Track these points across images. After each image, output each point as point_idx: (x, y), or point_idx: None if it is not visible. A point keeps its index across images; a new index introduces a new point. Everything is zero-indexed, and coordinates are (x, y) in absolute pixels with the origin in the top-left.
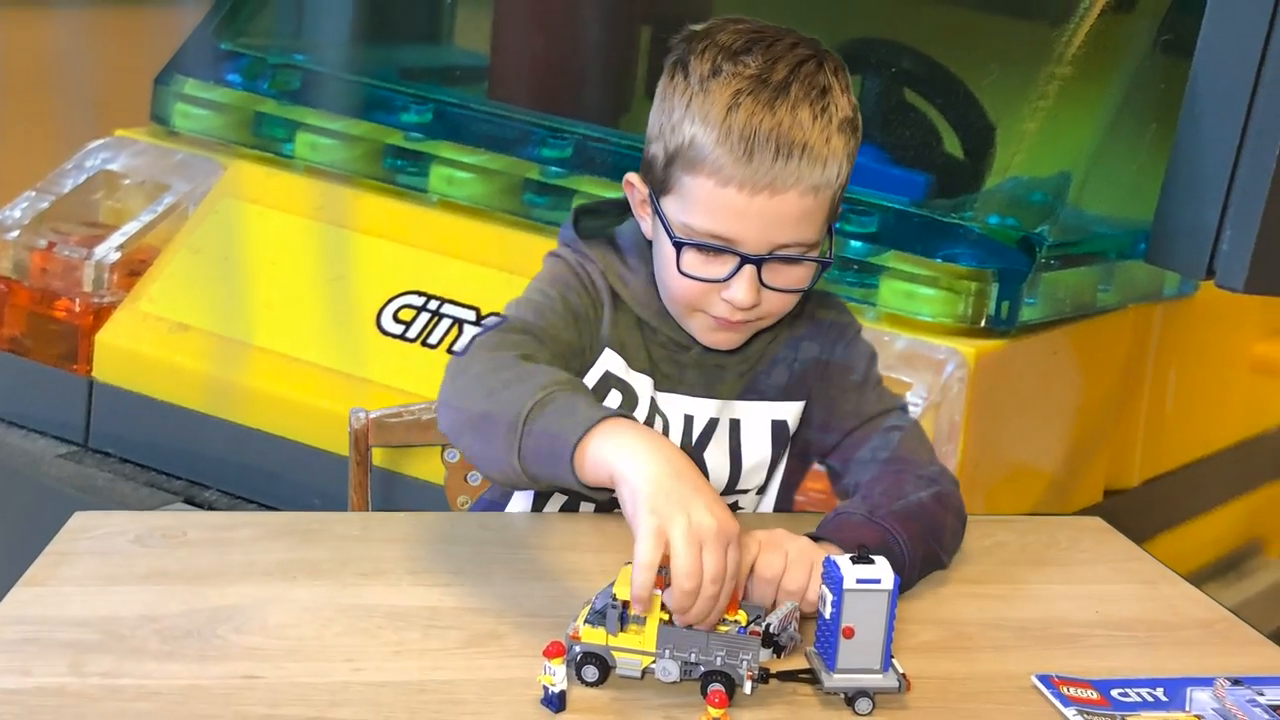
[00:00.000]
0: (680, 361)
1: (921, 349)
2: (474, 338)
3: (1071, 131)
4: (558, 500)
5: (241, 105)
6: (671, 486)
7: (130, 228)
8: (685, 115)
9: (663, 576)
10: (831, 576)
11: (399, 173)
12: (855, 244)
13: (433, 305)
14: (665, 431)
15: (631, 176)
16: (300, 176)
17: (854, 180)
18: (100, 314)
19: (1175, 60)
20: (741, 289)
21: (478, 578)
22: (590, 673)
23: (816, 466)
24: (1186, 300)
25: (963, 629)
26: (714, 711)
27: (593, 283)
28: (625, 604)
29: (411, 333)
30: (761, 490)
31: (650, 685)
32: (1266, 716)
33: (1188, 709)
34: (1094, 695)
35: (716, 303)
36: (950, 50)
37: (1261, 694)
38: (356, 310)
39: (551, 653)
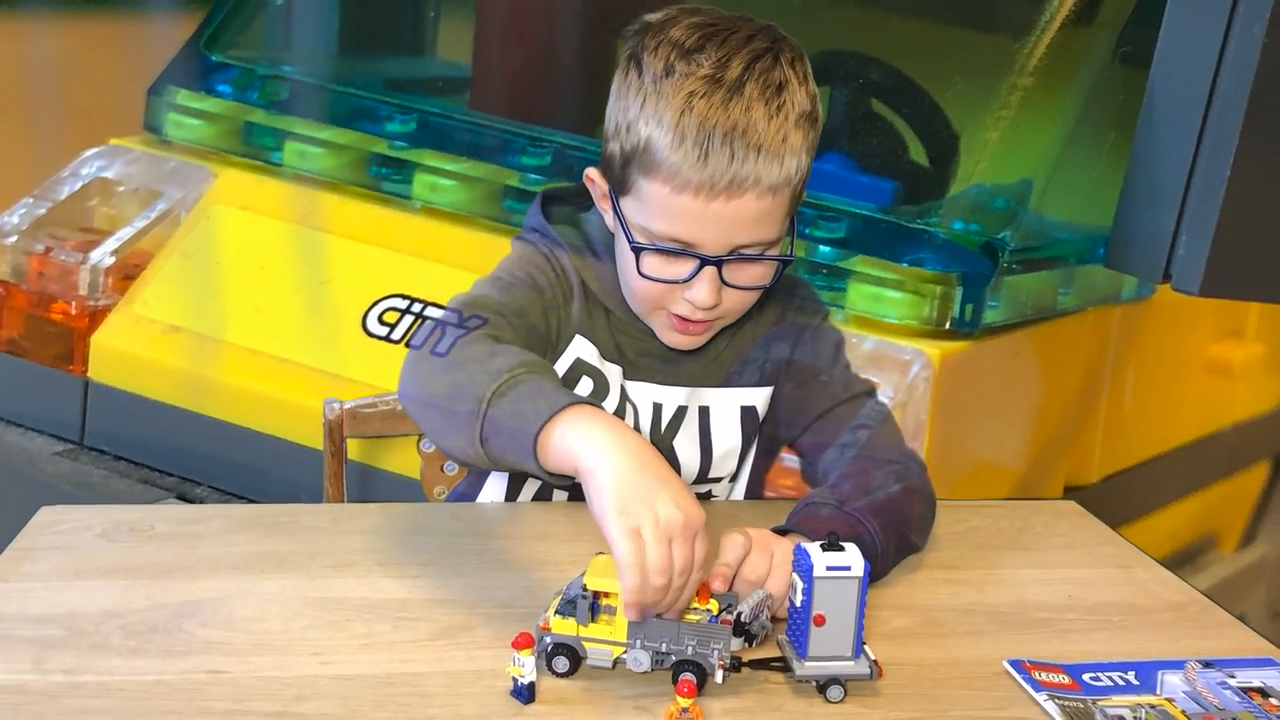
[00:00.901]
0: (647, 350)
1: (888, 350)
2: (440, 316)
3: (1033, 140)
4: (531, 487)
5: (231, 115)
6: (638, 482)
7: (124, 233)
8: (640, 115)
9: None
10: (801, 564)
11: (384, 180)
12: (824, 249)
13: (416, 308)
14: (635, 420)
15: (591, 172)
16: (288, 184)
17: (823, 187)
18: (95, 316)
19: (1133, 71)
20: (703, 290)
21: (448, 569)
22: (561, 664)
23: (785, 460)
24: (1144, 303)
25: (935, 615)
26: (683, 701)
27: (562, 268)
28: (596, 594)
29: (396, 334)
30: (734, 478)
31: (620, 675)
32: (1237, 699)
33: (1159, 692)
34: (1065, 680)
35: (678, 302)
36: (916, 62)
37: (1233, 676)
38: (342, 313)
39: (520, 644)
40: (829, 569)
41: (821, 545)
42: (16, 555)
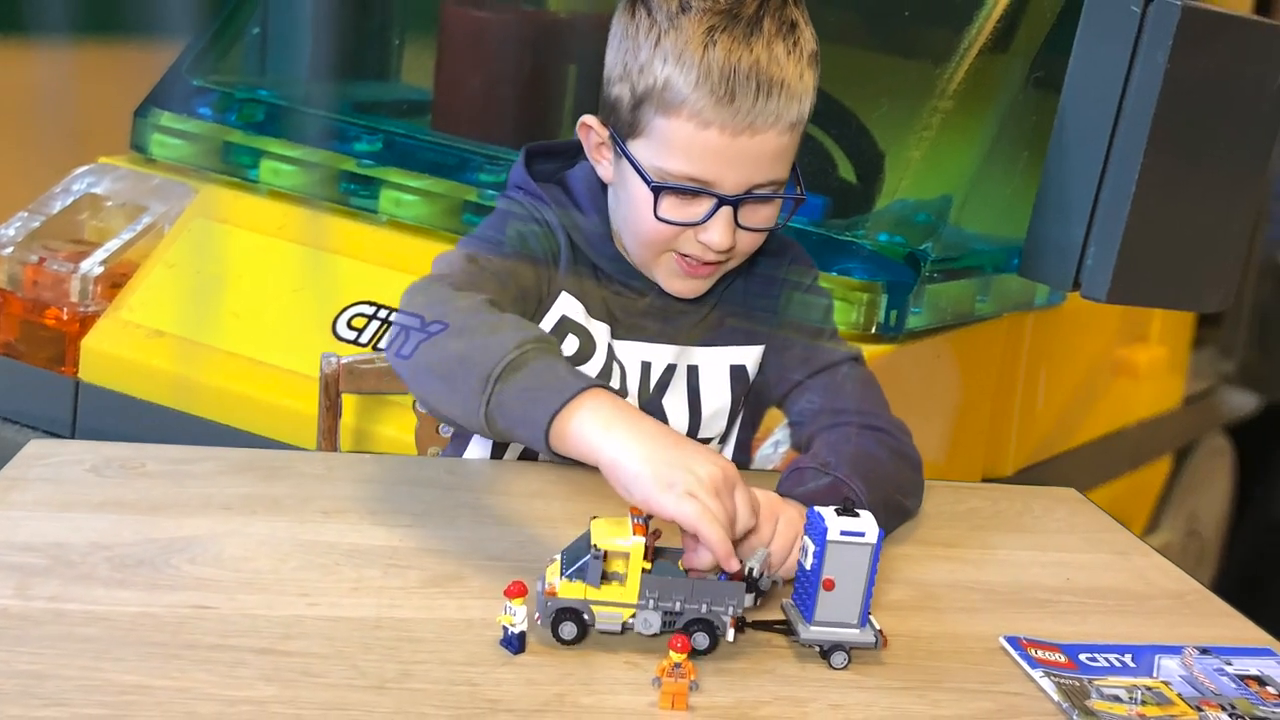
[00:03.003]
0: (636, 308)
1: None
2: (433, 273)
3: (953, 159)
4: (516, 449)
5: (211, 135)
6: (667, 456)
7: (112, 245)
8: (655, 54)
9: (642, 525)
10: (815, 528)
11: (352, 195)
12: None
13: (382, 314)
14: (623, 379)
15: (589, 119)
16: (264, 199)
17: None
18: (85, 322)
19: (1045, 95)
20: (719, 230)
21: (441, 520)
22: (568, 630)
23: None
24: (1055, 309)
25: (932, 590)
26: (676, 656)
27: (548, 224)
28: (606, 554)
29: (363, 338)
30: (723, 439)
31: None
32: (1234, 685)
33: (1155, 675)
34: (1061, 658)
35: (688, 243)
36: (845, 86)
37: (1229, 664)
38: (314, 318)
39: (513, 593)
40: (843, 534)
41: (836, 510)
42: (4, 484)
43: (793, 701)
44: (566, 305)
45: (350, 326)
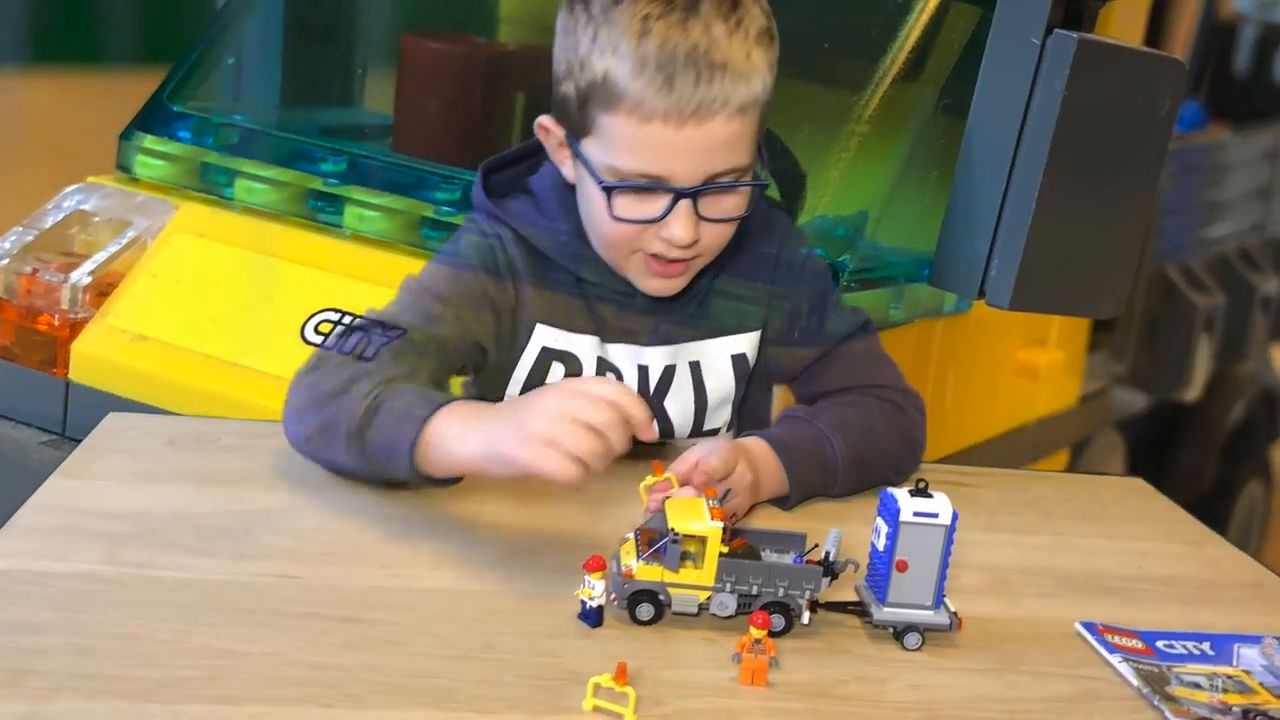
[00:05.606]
0: (627, 307)
1: None
2: (319, 355)
3: (868, 178)
4: None
5: (190, 156)
6: (511, 424)
7: (100, 257)
8: (593, 48)
9: (718, 507)
10: (888, 509)
11: (319, 212)
12: None
13: (346, 320)
14: None
15: (545, 120)
16: (239, 215)
17: None
18: (75, 327)
19: (953, 120)
20: (680, 226)
21: (519, 495)
22: (645, 611)
23: None
24: (962, 316)
25: (1004, 575)
26: (756, 632)
27: (504, 251)
28: (685, 538)
29: (329, 343)
30: (729, 426)
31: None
32: None
33: (1235, 664)
34: (1139, 645)
35: (653, 241)
36: (770, 112)
37: None
38: (284, 324)
39: (592, 567)
40: (915, 515)
41: (910, 491)
42: (88, 455)
43: (871, 681)
44: (543, 336)
45: (317, 331)
